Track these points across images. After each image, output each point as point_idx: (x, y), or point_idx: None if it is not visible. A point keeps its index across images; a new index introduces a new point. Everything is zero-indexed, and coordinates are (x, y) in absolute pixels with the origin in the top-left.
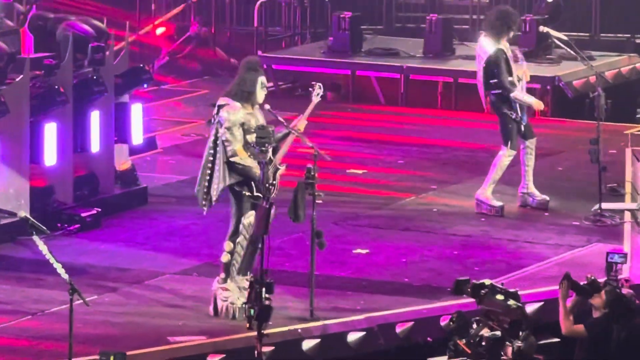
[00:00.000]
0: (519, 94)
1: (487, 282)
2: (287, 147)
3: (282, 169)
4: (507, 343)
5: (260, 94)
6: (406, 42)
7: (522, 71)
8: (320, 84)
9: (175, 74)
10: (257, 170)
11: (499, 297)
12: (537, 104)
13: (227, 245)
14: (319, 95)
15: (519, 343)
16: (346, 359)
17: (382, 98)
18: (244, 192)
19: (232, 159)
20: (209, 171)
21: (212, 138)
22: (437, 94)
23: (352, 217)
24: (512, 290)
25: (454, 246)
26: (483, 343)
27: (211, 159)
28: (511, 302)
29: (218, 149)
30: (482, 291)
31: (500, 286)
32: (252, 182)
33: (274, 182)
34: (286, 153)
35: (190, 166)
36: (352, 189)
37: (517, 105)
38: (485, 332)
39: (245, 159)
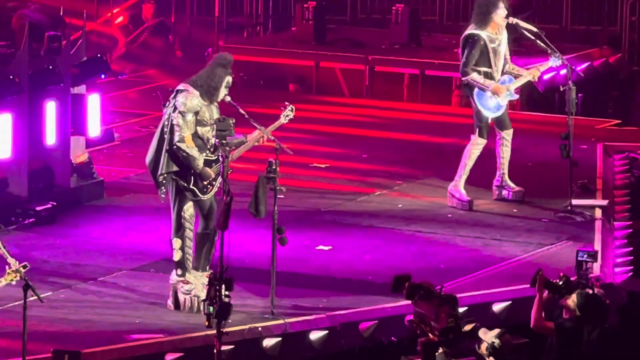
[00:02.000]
0: (477, 77)
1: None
2: (251, 144)
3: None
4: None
5: (222, 92)
6: (372, 33)
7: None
8: (292, 107)
9: (134, 64)
10: (199, 162)
11: (435, 301)
12: (496, 90)
13: (175, 242)
14: (287, 117)
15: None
16: (308, 358)
17: (347, 90)
18: (181, 183)
19: (178, 144)
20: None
21: (163, 122)
22: (403, 87)
23: (315, 212)
24: (449, 295)
25: (420, 243)
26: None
27: (160, 144)
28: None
29: (166, 135)
30: (418, 293)
31: (438, 291)
32: (192, 174)
33: (214, 182)
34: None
35: None
36: (315, 183)
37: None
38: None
39: (191, 149)
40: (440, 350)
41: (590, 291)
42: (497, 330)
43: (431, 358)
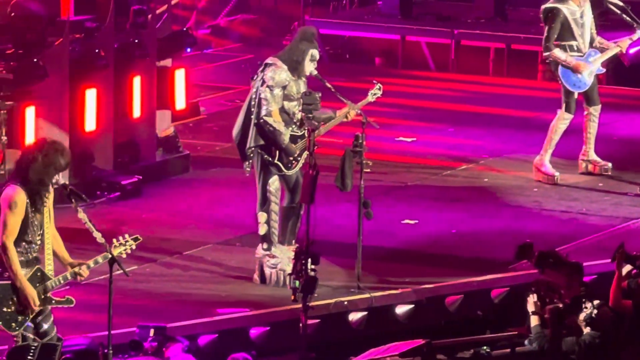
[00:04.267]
0: (559, 53)
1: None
2: (339, 120)
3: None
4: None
5: (308, 66)
6: (458, 7)
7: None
8: (380, 85)
9: (219, 38)
10: (285, 137)
11: (565, 270)
12: (577, 67)
13: (261, 216)
14: (375, 95)
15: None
16: (393, 332)
17: (432, 64)
18: (266, 157)
19: (265, 118)
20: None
21: (251, 95)
22: (488, 61)
23: (401, 186)
24: (577, 263)
25: (506, 217)
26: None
27: (248, 117)
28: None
29: (253, 109)
30: (547, 261)
31: (565, 257)
32: (277, 148)
33: (299, 157)
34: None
35: None
36: (401, 157)
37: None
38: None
39: (278, 123)
40: (537, 321)
41: None
42: (596, 302)
43: (559, 324)
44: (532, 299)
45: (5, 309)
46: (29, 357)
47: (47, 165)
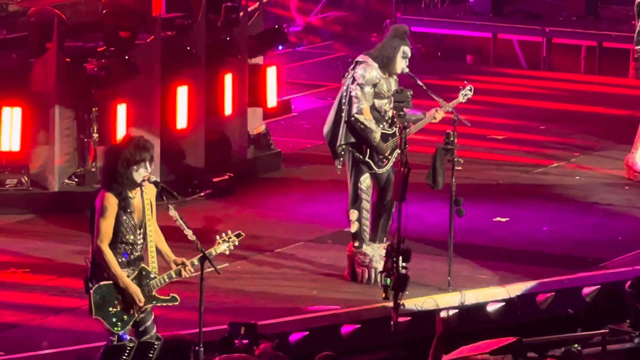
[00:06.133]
0: None
1: None
2: (429, 119)
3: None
4: None
5: (400, 63)
6: (549, 5)
7: None
8: (471, 86)
9: (311, 36)
10: (376, 135)
11: None
12: None
13: (352, 214)
14: (466, 97)
15: None
16: (484, 330)
17: (524, 62)
18: (357, 155)
19: (356, 115)
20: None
21: (342, 93)
22: (580, 59)
23: (492, 184)
24: None
25: (597, 215)
26: None
27: (338, 115)
28: None
29: (344, 107)
30: None
31: None
32: (368, 146)
33: (390, 156)
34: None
35: None
36: (492, 155)
37: None
38: None
39: (369, 121)
40: None
41: None
42: None
43: None
44: None
45: (110, 309)
46: (124, 357)
47: (128, 162)
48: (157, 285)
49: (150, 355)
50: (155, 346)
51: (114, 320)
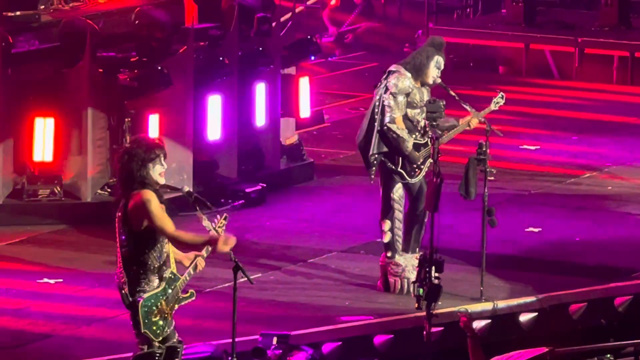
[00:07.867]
0: None
1: None
2: (462, 128)
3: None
4: None
5: (433, 72)
6: (581, 15)
7: None
8: (503, 94)
9: (344, 46)
10: (409, 144)
11: None
12: None
13: (385, 224)
14: (497, 104)
15: None
16: (517, 340)
17: (556, 72)
18: (389, 165)
19: (389, 125)
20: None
21: (374, 103)
22: (612, 69)
23: (525, 194)
24: None
25: (630, 225)
26: None
27: (371, 124)
28: None
29: (376, 116)
30: None
31: None
32: (400, 156)
33: (422, 166)
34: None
35: None
36: (524, 165)
37: None
38: None
39: (401, 130)
40: None
41: None
42: None
43: None
44: None
45: (153, 319)
46: None
47: (143, 161)
48: (182, 286)
49: (177, 358)
50: (179, 350)
51: (155, 329)
